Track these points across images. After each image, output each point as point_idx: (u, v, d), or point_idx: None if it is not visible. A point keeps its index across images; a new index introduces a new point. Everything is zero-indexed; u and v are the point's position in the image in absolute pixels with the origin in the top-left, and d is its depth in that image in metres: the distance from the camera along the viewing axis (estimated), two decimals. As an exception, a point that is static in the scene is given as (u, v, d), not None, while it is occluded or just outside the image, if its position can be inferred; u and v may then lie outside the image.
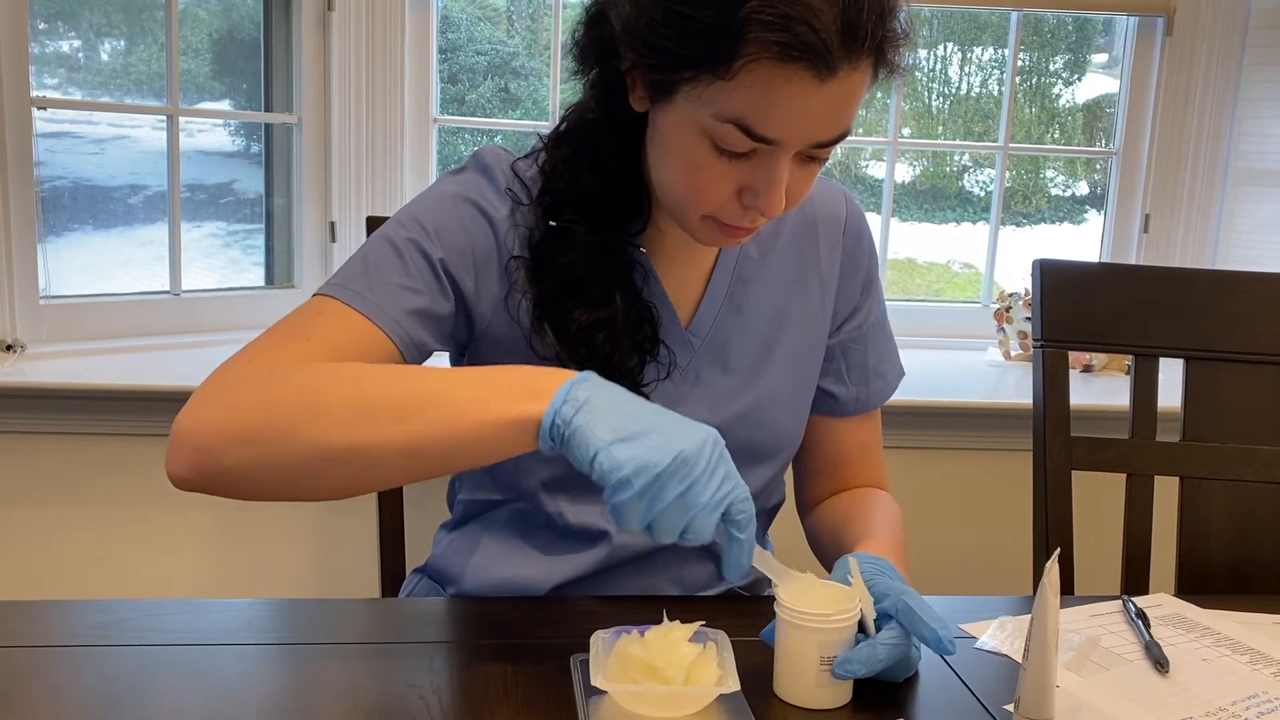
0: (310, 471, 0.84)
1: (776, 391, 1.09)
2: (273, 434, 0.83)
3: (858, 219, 1.14)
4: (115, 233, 2.07)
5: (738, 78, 0.84)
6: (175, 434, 0.84)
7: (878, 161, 2.47)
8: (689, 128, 0.89)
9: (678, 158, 0.91)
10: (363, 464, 0.83)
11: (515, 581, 1.06)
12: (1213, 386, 1.31)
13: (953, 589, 2.07)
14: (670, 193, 0.95)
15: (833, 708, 0.83)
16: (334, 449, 0.82)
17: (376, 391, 0.84)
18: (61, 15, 1.98)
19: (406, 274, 0.96)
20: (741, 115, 0.85)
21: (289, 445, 0.82)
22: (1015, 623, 1.00)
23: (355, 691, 0.83)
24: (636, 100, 0.94)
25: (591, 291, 0.97)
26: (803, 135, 0.87)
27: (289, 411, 0.83)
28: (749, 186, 0.90)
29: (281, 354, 0.90)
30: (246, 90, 2.17)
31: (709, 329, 1.07)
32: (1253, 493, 1.31)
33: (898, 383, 1.20)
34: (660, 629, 0.81)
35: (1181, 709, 0.87)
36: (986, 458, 2.03)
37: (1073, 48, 2.48)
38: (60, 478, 1.83)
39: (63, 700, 0.81)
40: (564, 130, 1.02)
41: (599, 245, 0.98)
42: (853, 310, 1.15)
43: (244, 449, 0.83)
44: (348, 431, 0.82)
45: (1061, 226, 2.56)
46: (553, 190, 1.00)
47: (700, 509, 0.78)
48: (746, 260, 1.09)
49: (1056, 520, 1.29)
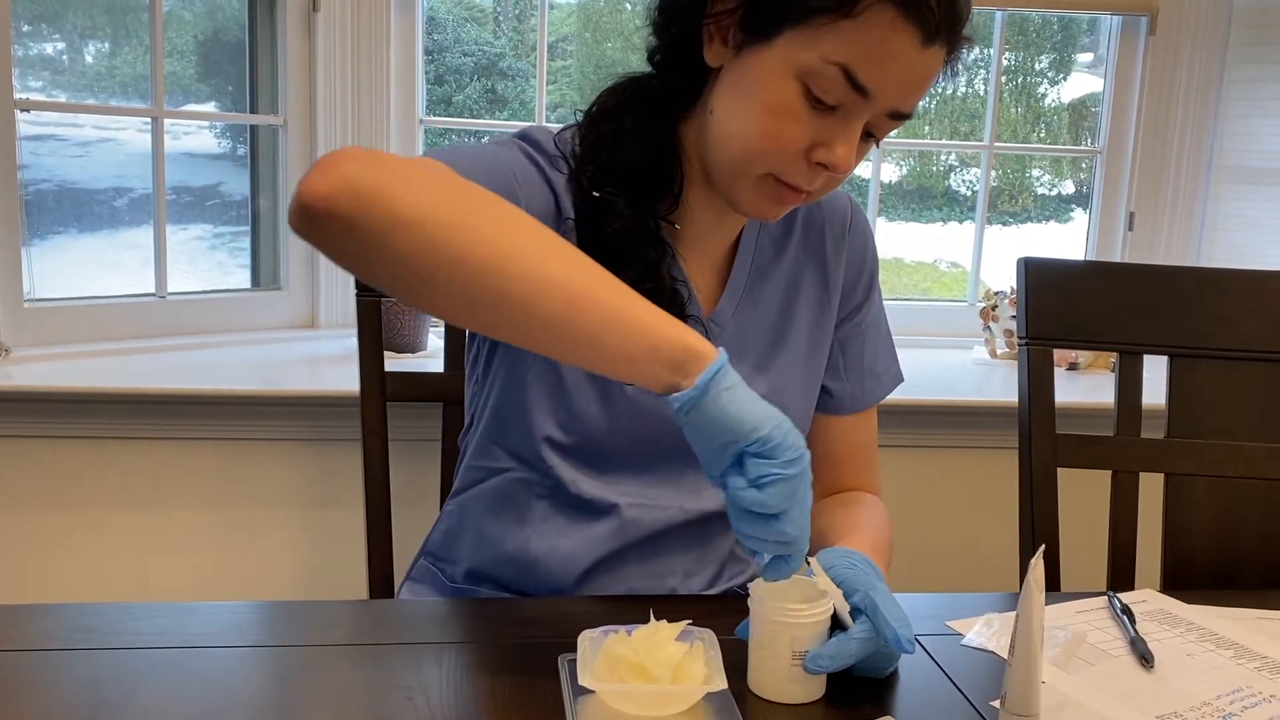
0: (443, 265, 0.77)
1: (788, 383, 1.11)
2: (448, 210, 0.77)
3: (862, 221, 1.18)
4: (100, 235, 2.06)
5: (861, 18, 0.87)
6: (342, 153, 0.77)
7: (864, 161, 2.47)
8: (784, 71, 0.91)
9: (761, 103, 0.93)
10: (491, 292, 0.77)
11: (521, 561, 1.06)
12: (1197, 384, 1.32)
13: (939, 586, 2.08)
14: (741, 143, 0.95)
15: (805, 702, 0.84)
16: (508, 257, 0.77)
17: (553, 241, 0.81)
18: (45, 17, 1.97)
19: (500, 177, 0.94)
20: (849, 60, 0.88)
21: (468, 231, 0.77)
22: (1001, 619, 1.01)
23: (343, 693, 0.83)
24: (713, 54, 0.96)
25: (633, 264, 0.98)
26: (892, 95, 0.91)
27: (474, 204, 0.79)
28: (821, 142, 0.93)
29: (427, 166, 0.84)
30: (232, 92, 2.17)
31: (729, 319, 1.09)
32: (1237, 489, 1.31)
33: (894, 386, 1.22)
34: (647, 628, 0.81)
35: (1166, 704, 0.88)
36: (973, 455, 2.04)
37: (1058, 47, 2.49)
38: (45, 481, 1.83)
39: (48, 705, 0.80)
40: (599, 111, 1.03)
41: (637, 219, 1.00)
42: (854, 308, 1.17)
43: (423, 197, 0.77)
44: (517, 250, 0.78)
45: (1047, 225, 2.57)
46: (596, 162, 1.01)
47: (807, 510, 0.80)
48: (761, 254, 1.11)
49: (1042, 517, 1.29)
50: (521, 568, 1.07)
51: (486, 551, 1.09)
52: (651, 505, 1.06)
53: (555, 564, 1.06)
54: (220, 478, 1.86)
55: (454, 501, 1.14)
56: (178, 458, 1.82)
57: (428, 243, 0.76)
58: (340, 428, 1.83)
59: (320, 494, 1.90)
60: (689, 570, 1.10)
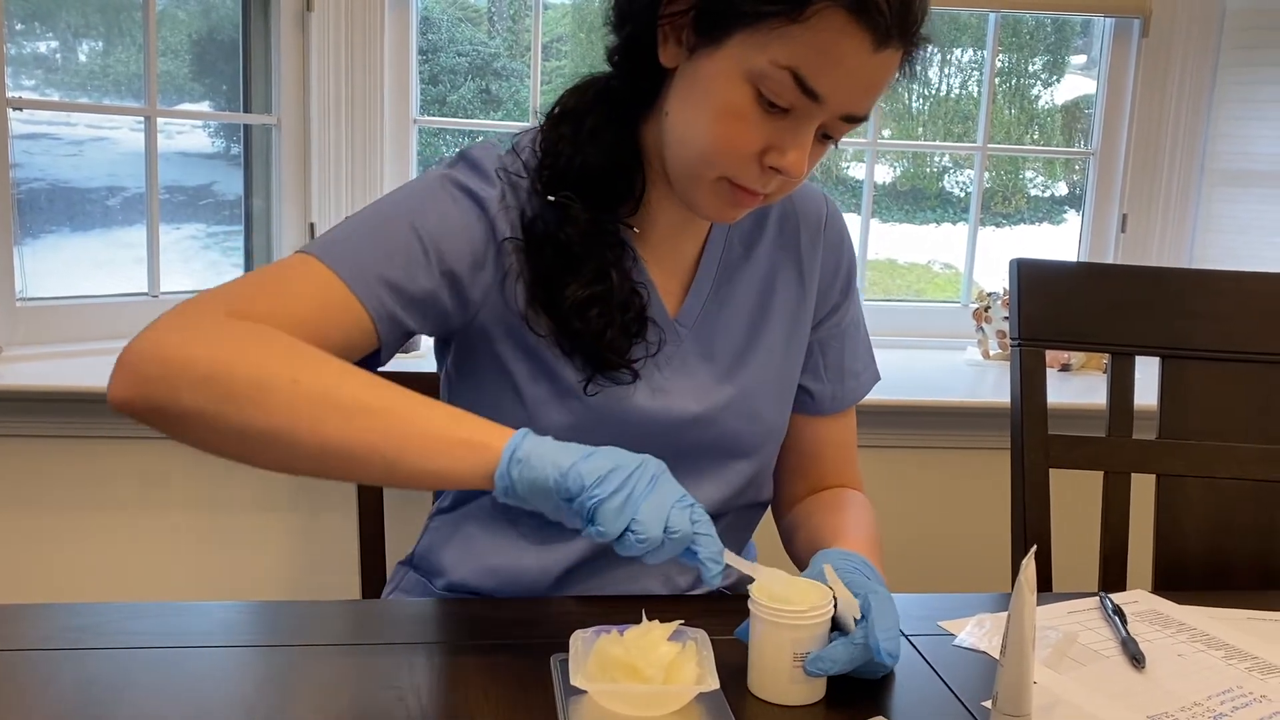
0: (262, 439, 0.82)
1: (760, 383, 1.10)
2: (240, 391, 0.81)
3: (838, 220, 1.17)
4: (93, 235, 2.06)
5: (810, 22, 0.86)
6: (131, 355, 0.82)
7: (858, 163, 2.48)
8: (734, 74, 0.90)
9: (714, 106, 0.92)
10: (313, 449, 0.82)
11: (504, 571, 1.07)
12: (1188, 385, 1.32)
13: (931, 586, 2.08)
14: (694, 146, 0.95)
15: (806, 703, 0.84)
16: (290, 429, 0.82)
17: (345, 385, 0.84)
18: (38, 16, 1.96)
19: (392, 247, 0.95)
20: (799, 63, 0.88)
21: (249, 409, 0.81)
22: (993, 620, 1.01)
23: (334, 693, 0.83)
24: (667, 55, 0.95)
25: (586, 267, 0.99)
26: (844, 99, 0.90)
27: (263, 374, 0.82)
28: (775, 146, 0.92)
29: (255, 306, 0.88)
30: (225, 91, 2.16)
31: (695, 319, 1.08)
32: (1228, 490, 1.32)
33: (872, 385, 1.22)
34: (639, 628, 0.81)
35: (1157, 704, 0.88)
36: (965, 456, 2.04)
37: (1051, 49, 2.50)
38: (36, 481, 1.82)
39: (39, 705, 0.80)
40: (560, 112, 1.03)
41: (593, 223, 0.99)
42: (832, 308, 1.16)
43: (199, 394, 0.81)
44: (305, 412, 0.82)
45: (1041, 227, 2.57)
46: (553, 167, 1.00)
47: (675, 501, 0.81)
48: (731, 254, 1.10)
49: (1034, 518, 1.30)
50: (504, 580, 1.07)
51: (470, 564, 1.09)
52: None
53: (536, 576, 1.06)
54: (212, 478, 1.86)
55: (439, 519, 1.15)
56: (170, 458, 1.82)
57: (222, 429, 0.82)
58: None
59: (312, 495, 1.90)
60: (669, 573, 1.10)
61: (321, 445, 0.82)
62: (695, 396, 1.06)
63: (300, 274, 0.92)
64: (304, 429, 0.82)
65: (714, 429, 1.07)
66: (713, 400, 1.07)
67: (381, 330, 0.94)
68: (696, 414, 1.06)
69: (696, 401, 1.06)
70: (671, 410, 1.05)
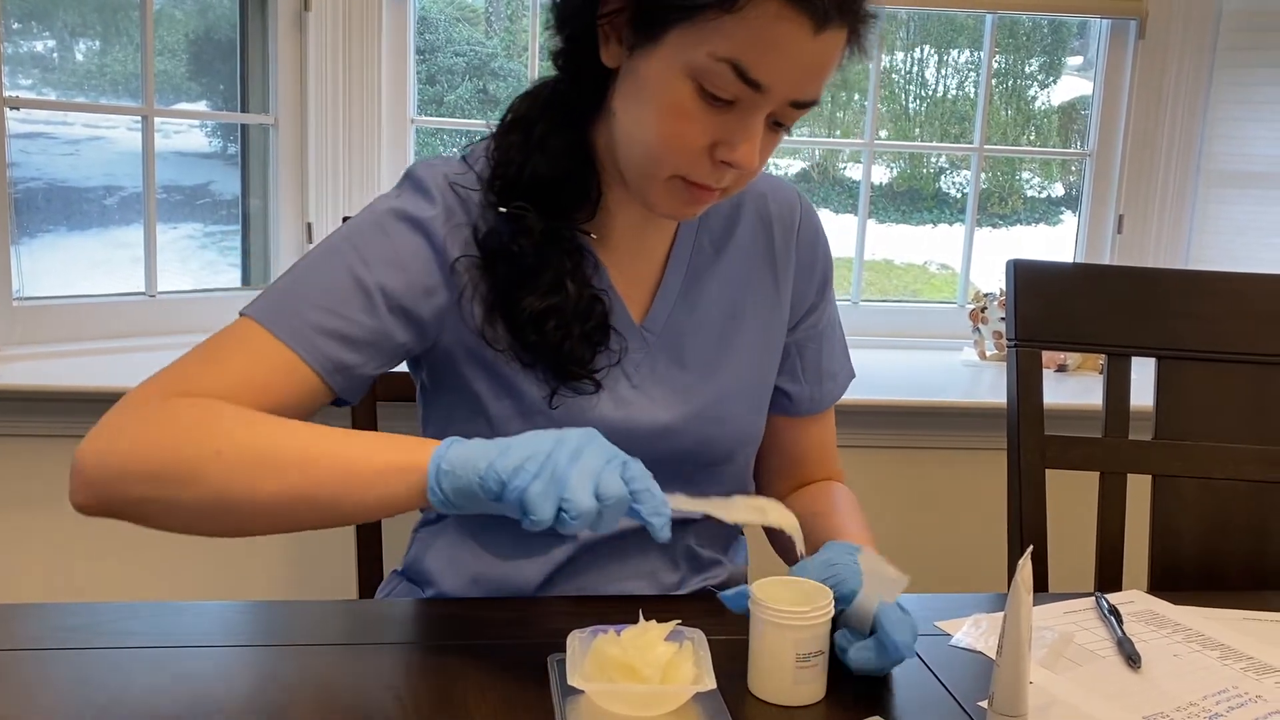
0: (207, 513, 0.85)
1: (734, 387, 1.09)
2: (173, 476, 0.84)
3: (812, 218, 1.15)
4: (90, 234, 2.05)
5: (742, 12, 0.85)
6: (77, 463, 0.86)
7: (855, 163, 2.48)
8: (675, 70, 0.89)
9: (657, 104, 0.91)
10: (256, 511, 0.85)
11: (491, 578, 1.07)
12: (1184, 386, 1.32)
13: (928, 587, 2.08)
14: (642, 146, 0.94)
15: (808, 704, 0.84)
16: (225, 495, 0.84)
17: (270, 442, 0.85)
18: (35, 15, 1.96)
19: (332, 297, 0.95)
20: (737, 54, 0.87)
21: (186, 488, 0.84)
22: (989, 620, 1.01)
23: (331, 693, 0.83)
24: (609, 55, 0.94)
25: (542, 278, 0.98)
26: (787, 86, 0.89)
27: (188, 454, 0.84)
28: (724, 140, 0.91)
29: (196, 384, 0.90)
30: (223, 91, 2.16)
31: (663, 324, 1.07)
32: (1223, 490, 1.32)
33: (848, 383, 1.21)
34: (636, 628, 0.81)
35: (1153, 704, 0.88)
36: (961, 456, 2.05)
37: (1048, 50, 2.50)
38: (33, 480, 1.82)
39: (35, 704, 0.80)
40: (512, 120, 1.02)
41: (548, 233, 0.98)
42: (809, 309, 1.15)
43: (144, 487, 0.84)
44: (239, 479, 0.83)
45: (1037, 228, 2.58)
46: (504, 177, 1.00)
47: (603, 466, 0.79)
48: (700, 255, 1.09)
49: (1030, 518, 1.30)
50: (490, 588, 1.07)
51: (455, 574, 1.09)
52: None
53: (520, 584, 1.06)
54: (210, 477, 1.85)
55: (424, 530, 1.15)
56: (167, 457, 1.81)
57: (175, 512, 0.85)
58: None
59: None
60: (655, 571, 1.09)
61: (262, 505, 0.84)
62: (666, 404, 1.05)
63: (239, 341, 0.93)
64: (242, 495, 0.84)
65: (687, 437, 1.06)
66: (684, 407, 1.06)
67: (333, 382, 0.95)
68: (667, 423, 1.05)
69: (667, 409, 1.05)
70: (641, 420, 1.03)
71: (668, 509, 0.80)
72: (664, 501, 0.80)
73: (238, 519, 0.86)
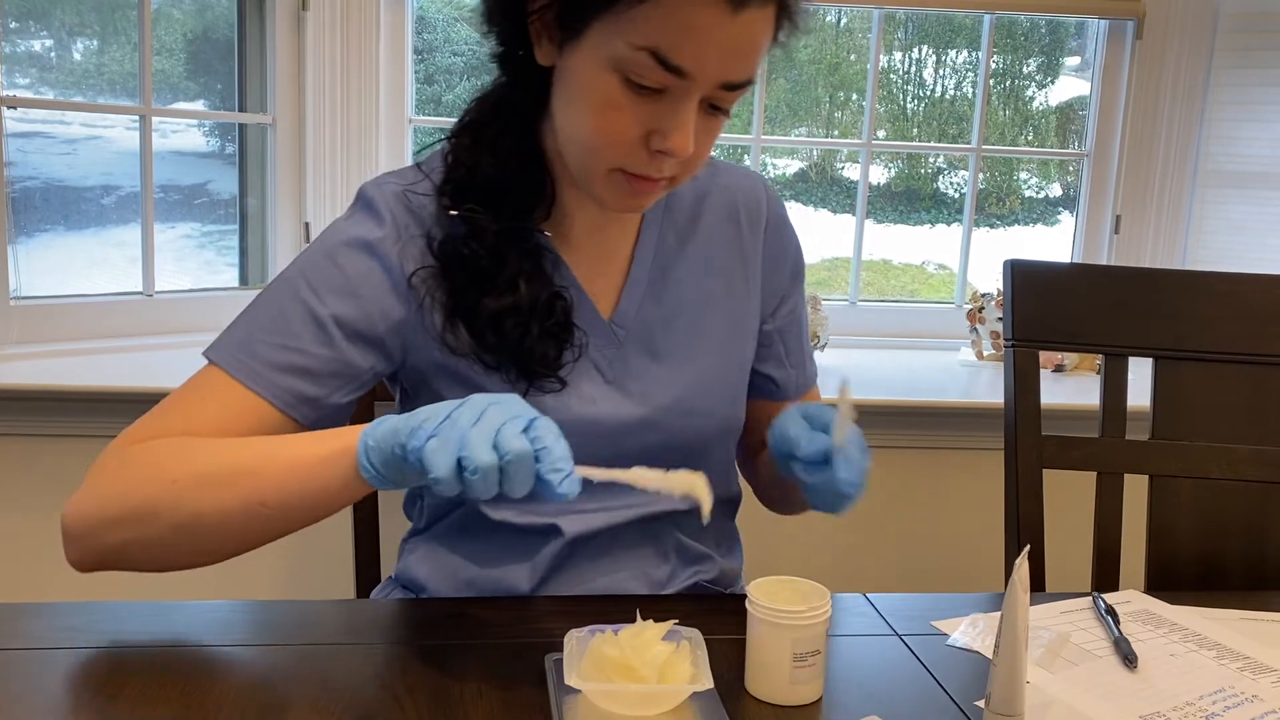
0: (175, 542, 0.89)
1: (709, 377, 1.09)
2: (136, 514, 0.88)
3: (779, 207, 1.16)
4: (88, 233, 2.05)
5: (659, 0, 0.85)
6: (63, 524, 0.90)
7: (852, 163, 2.48)
8: (600, 64, 0.89)
9: (587, 99, 0.91)
10: (215, 528, 0.88)
11: (481, 583, 1.07)
12: (1181, 386, 1.33)
13: (924, 586, 2.09)
14: (579, 143, 0.94)
15: (805, 703, 0.84)
16: (185, 519, 0.87)
17: (215, 461, 0.88)
18: (33, 14, 1.96)
19: (288, 333, 0.96)
20: (655, 42, 0.86)
21: (151, 522, 0.88)
22: (986, 620, 1.01)
23: (329, 692, 0.83)
24: (542, 54, 0.94)
25: (498, 279, 0.98)
26: (713, 70, 0.88)
27: (146, 489, 0.88)
28: (657, 130, 0.91)
29: (160, 432, 0.93)
30: (220, 90, 2.16)
31: (633, 319, 1.07)
32: (1220, 491, 1.32)
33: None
34: (634, 628, 0.81)
35: (1150, 704, 0.88)
36: (959, 456, 2.05)
37: (1045, 51, 2.50)
38: (31, 480, 1.82)
39: (33, 703, 0.80)
40: (466, 122, 1.03)
41: (502, 233, 0.99)
42: (784, 295, 1.16)
43: (117, 531, 0.88)
44: (193, 500, 0.87)
45: (1035, 228, 2.58)
46: (454, 180, 1.00)
47: (504, 423, 0.77)
48: (665, 248, 1.09)
49: (1027, 518, 1.30)
50: (481, 593, 1.07)
51: (446, 581, 1.09)
52: (585, 512, 1.05)
53: (512, 586, 1.06)
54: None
55: (412, 540, 1.15)
56: (164, 457, 1.81)
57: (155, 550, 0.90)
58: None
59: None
60: (645, 569, 1.09)
61: (224, 520, 0.88)
62: (641, 398, 1.05)
63: (199, 387, 0.96)
64: (203, 515, 0.87)
65: (664, 429, 1.06)
66: (662, 399, 1.06)
67: (297, 415, 0.96)
68: (644, 416, 1.05)
69: (643, 403, 1.05)
70: (617, 414, 1.04)
71: (568, 464, 0.77)
72: (564, 458, 0.77)
73: (208, 541, 0.89)
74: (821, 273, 2.56)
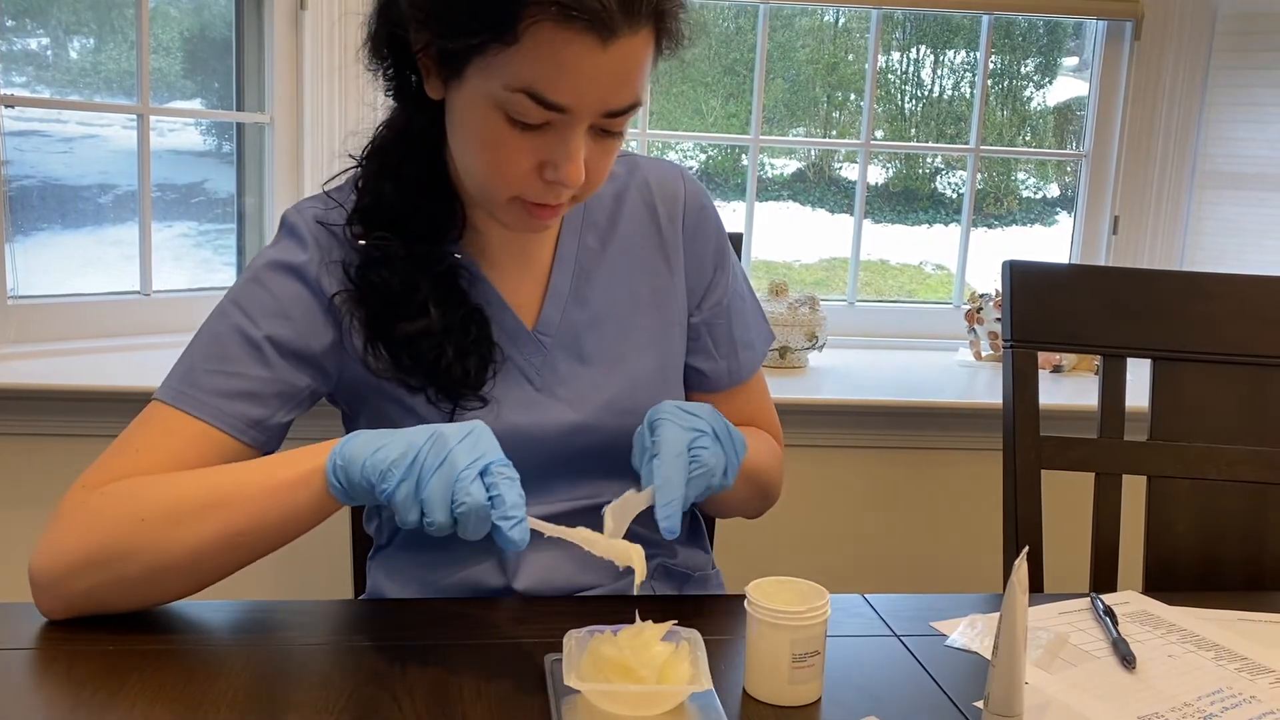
0: (148, 581, 0.90)
1: (641, 375, 1.09)
2: (107, 557, 0.88)
3: (698, 195, 1.14)
4: (84, 232, 2.05)
5: (521, 42, 0.84)
6: (31, 576, 0.91)
7: (850, 163, 2.48)
8: (481, 103, 0.89)
9: (475, 137, 0.92)
10: (191, 562, 0.89)
11: (452, 587, 1.07)
12: (1179, 387, 1.33)
13: (923, 587, 2.09)
14: (474, 177, 0.95)
15: (805, 704, 0.84)
16: (157, 558, 0.88)
17: (181, 496, 0.89)
18: (30, 12, 1.96)
19: (228, 361, 0.97)
20: (529, 83, 0.86)
21: (121, 565, 0.88)
22: (985, 620, 1.01)
23: (327, 692, 0.83)
24: (431, 88, 0.95)
25: (410, 303, 0.99)
26: (591, 102, 0.88)
27: (115, 532, 0.88)
28: (548, 161, 0.91)
29: (116, 474, 0.93)
30: (218, 89, 2.16)
31: (557, 325, 1.07)
32: (1218, 491, 1.32)
33: (766, 348, 1.20)
34: (633, 629, 0.81)
35: (1148, 704, 0.88)
36: (957, 457, 2.05)
37: (1043, 51, 2.50)
38: (28, 479, 1.82)
39: (30, 703, 0.80)
40: (370, 150, 1.03)
41: (412, 258, 0.99)
42: (709, 286, 1.14)
43: (87, 576, 0.89)
44: (165, 538, 0.88)
45: (1033, 228, 2.58)
46: (361, 209, 1.01)
47: (461, 471, 0.81)
48: (586, 252, 1.09)
49: (1026, 519, 1.30)
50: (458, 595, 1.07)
51: (416, 590, 1.09)
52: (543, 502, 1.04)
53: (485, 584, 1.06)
54: (204, 476, 1.85)
55: (379, 556, 1.14)
56: (162, 456, 1.81)
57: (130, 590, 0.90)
58: (325, 428, 1.82)
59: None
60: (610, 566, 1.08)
61: (197, 554, 0.89)
62: (573, 403, 1.05)
63: (148, 424, 0.96)
64: (175, 551, 0.88)
65: (601, 431, 1.06)
66: (595, 401, 1.06)
67: (248, 439, 0.97)
68: (578, 420, 1.05)
69: (576, 408, 1.05)
70: (551, 421, 1.04)
71: (520, 511, 0.81)
72: (516, 505, 0.81)
73: (181, 575, 0.90)
74: (819, 273, 2.56)
